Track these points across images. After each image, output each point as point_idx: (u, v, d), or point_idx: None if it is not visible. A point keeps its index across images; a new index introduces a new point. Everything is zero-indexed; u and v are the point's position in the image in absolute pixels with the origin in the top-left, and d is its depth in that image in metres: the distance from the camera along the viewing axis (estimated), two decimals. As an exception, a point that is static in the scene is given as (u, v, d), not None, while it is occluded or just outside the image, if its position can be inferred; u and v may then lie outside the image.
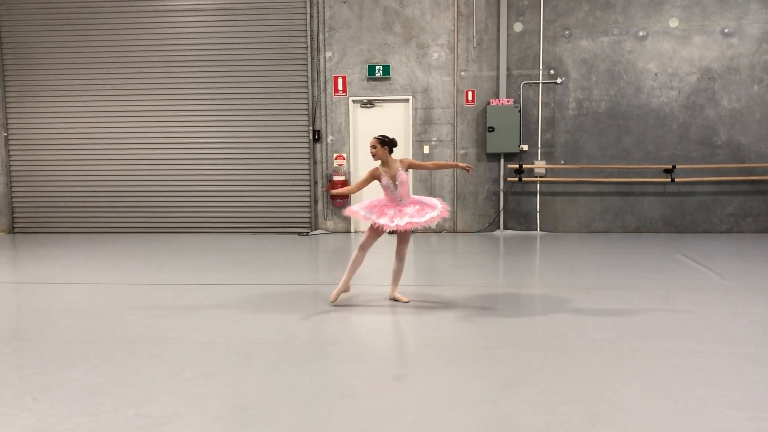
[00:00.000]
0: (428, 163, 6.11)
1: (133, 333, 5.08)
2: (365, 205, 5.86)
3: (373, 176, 5.81)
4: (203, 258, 8.63)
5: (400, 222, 5.57)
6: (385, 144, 5.78)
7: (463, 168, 5.99)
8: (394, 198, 5.79)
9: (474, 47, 10.59)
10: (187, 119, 11.08)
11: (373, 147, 5.76)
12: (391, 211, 5.70)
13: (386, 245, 9.66)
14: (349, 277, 5.91)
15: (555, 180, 10.62)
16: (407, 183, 5.82)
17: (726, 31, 10.20)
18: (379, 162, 5.84)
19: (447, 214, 5.74)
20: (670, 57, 10.31)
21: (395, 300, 5.97)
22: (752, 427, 3.29)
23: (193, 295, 6.41)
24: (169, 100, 11.07)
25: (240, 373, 4.14)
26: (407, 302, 5.91)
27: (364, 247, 5.83)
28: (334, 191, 6.09)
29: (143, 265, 8.16)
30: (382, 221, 5.64)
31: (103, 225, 11.30)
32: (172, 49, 11.00)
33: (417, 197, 5.93)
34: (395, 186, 5.74)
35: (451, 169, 10.68)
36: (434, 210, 5.67)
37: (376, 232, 5.79)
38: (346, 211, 5.88)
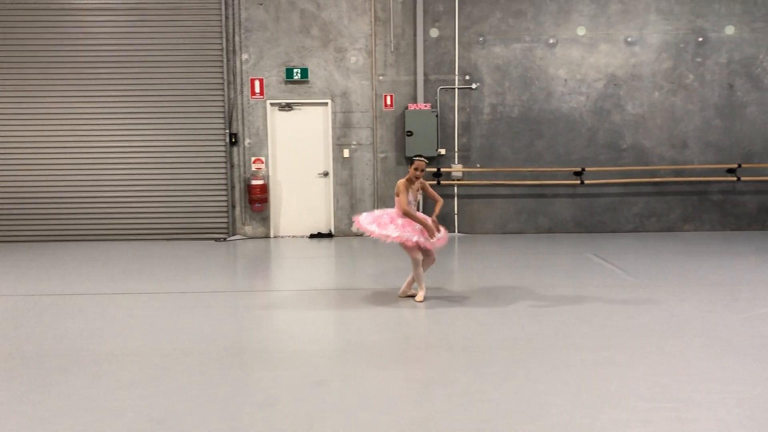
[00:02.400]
0: (435, 194, 6.44)
1: (39, 347, 4.83)
2: (370, 220, 6.14)
3: (407, 189, 6.17)
4: (115, 266, 8.30)
5: (405, 234, 5.95)
6: None
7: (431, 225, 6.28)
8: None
9: (391, 52, 10.69)
10: (97, 122, 10.63)
11: (423, 170, 6.13)
12: (400, 221, 6.06)
13: (314, 249, 9.61)
14: (420, 283, 6.25)
15: (471, 183, 10.86)
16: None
17: (629, 40, 10.72)
18: (405, 179, 6.16)
19: (431, 245, 6.19)
20: (578, 64, 10.74)
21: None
22: (659, 416, 3.48)
23: (105, 304, 6.15)
24: (77, 102, 10.58)
25: (156, 384, 4.01)
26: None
27: (416, 262, 6.16)
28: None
29: (49, 274, 7.77)
30: (389, 231, 5.96)
31: (6, 233, 10.68)
32: (80, 50, 10.53)
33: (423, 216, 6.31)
34: (415, 201, 6.25)
35: (372, 174, 10.73)
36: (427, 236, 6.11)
37: (408, 247, 6.07)
38: (356, 223, 6.24)
